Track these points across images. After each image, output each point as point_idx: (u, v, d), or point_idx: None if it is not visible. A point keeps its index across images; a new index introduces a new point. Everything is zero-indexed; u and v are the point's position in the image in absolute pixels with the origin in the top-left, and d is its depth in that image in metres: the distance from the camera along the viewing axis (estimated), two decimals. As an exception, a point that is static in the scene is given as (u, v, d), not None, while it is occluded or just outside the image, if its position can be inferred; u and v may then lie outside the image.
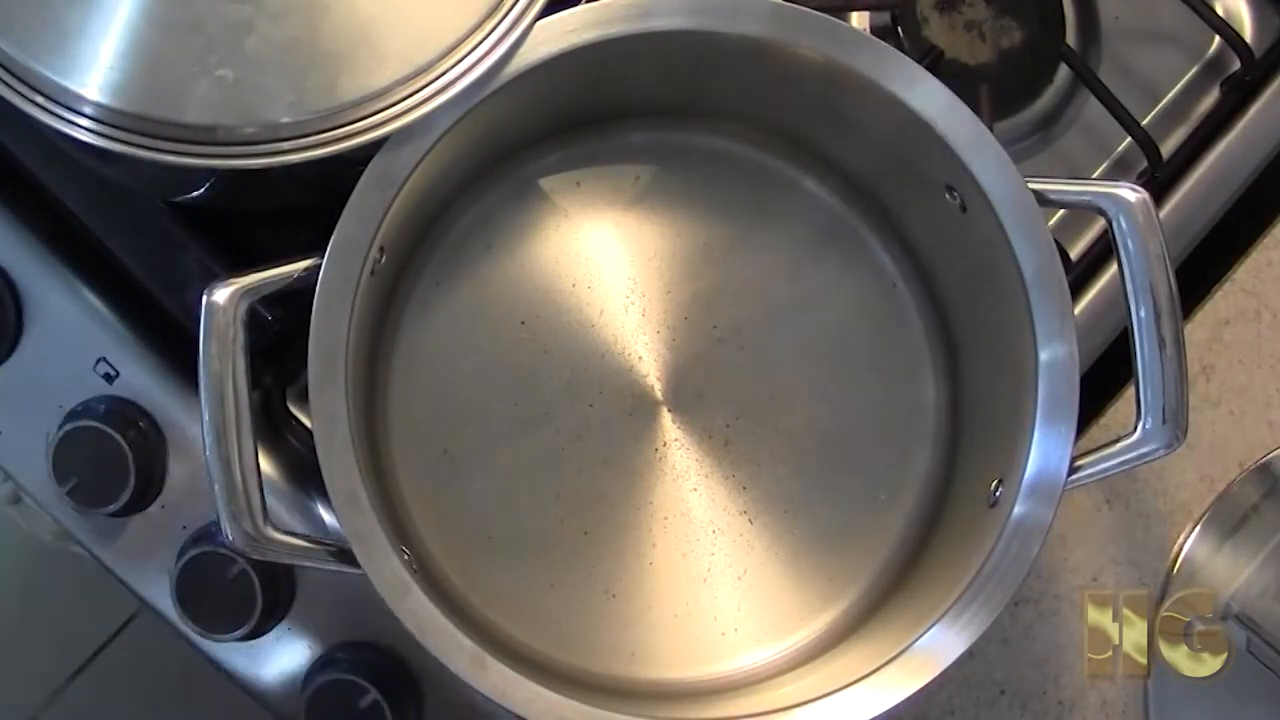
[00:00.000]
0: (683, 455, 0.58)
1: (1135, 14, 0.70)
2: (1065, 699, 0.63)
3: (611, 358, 0.58)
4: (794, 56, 0.52)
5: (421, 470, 0.57)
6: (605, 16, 0.51)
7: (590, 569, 0.57)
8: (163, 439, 0.59)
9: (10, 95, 0.47)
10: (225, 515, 0.49)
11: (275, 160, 0.48)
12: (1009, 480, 0.52)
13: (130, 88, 0.47)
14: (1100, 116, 0.67)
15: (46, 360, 0.59)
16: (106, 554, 0.60)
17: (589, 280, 0.59)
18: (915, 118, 0.52)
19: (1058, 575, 0.63)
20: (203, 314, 0.48)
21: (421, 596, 0.48)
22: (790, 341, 0.59)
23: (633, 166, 0.59)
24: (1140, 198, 0.52)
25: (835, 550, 0.58)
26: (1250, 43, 0.68)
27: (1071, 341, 0.51)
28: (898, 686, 0.49)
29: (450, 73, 0.49)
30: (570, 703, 0.49)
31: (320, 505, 0.60)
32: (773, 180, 0.60)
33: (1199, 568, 0.63)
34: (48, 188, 0.61)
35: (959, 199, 0.54)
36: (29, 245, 0.60)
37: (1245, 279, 0.66)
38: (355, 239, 0.50)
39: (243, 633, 0.57)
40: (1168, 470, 0.64)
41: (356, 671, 0.57)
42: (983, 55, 0.67)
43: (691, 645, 0.57)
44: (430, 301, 0.58)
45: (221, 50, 0.47)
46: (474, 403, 0.58)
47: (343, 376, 0.49)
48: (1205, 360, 0.65)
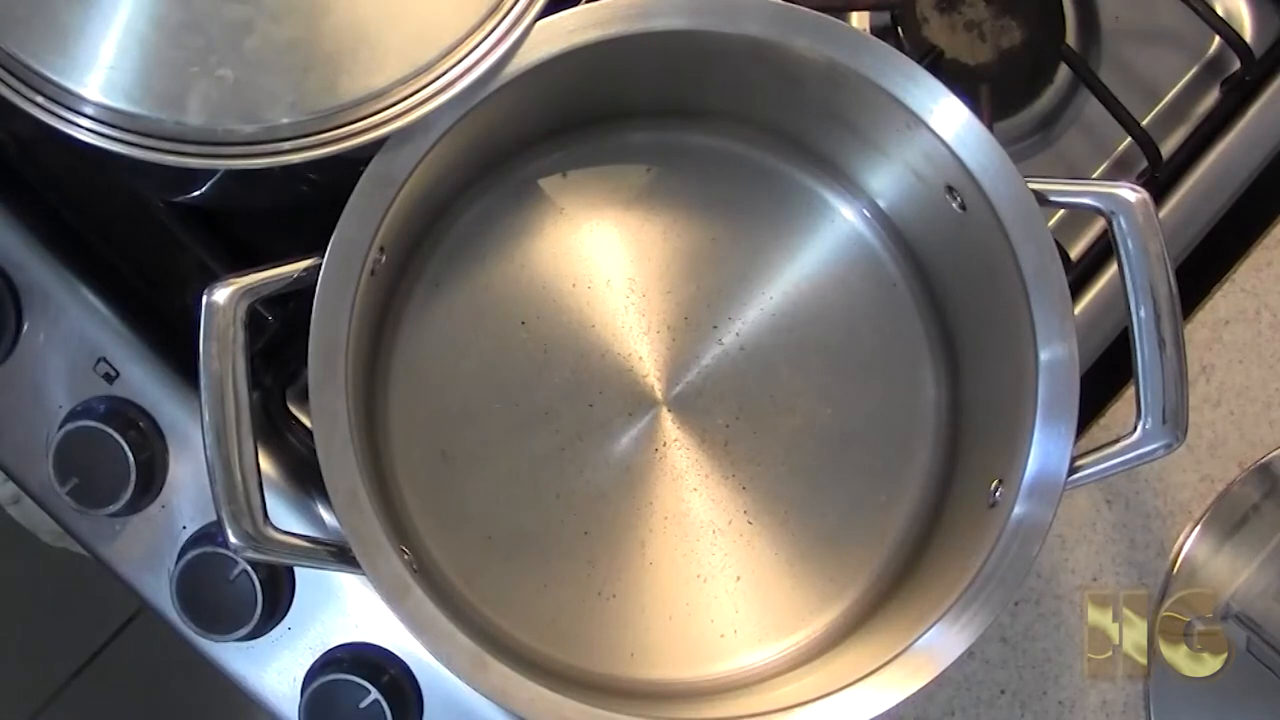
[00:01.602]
0: (683, 455, 0.58)
1: (1135, 14, 0.70)
2: (1065, 699, 0.63)
3: (611, 358, 0.58)
4: (794, 56, 0.52)
5: (421, 470, 0.57)
6: (605, 16, 0.51)
7: (590, 569, 0.57)
8: (163, 439, 0.59)
9: (10, 95, 0.47)
10: (225, 515, 0.49)
11: (275, 160, 0.48)
12: (1009, 480, 0.52)
13: (130, 88, 0.47)
14: (1100, 116, 0.67)
15: (46, 360, 0.59)
16: (106, 554, 0.60)
17: (589, 280, 0.59)
18: (915, 118, 0.52)
19: (1058, 575, 0.63)
20: (203, 314, 0.48)
21: (421, 596, 0.48)
22: (790, 341, 0.59)
23: (632, 166, 0.60)
24: (1140, 198, 0.52)
25: (835, 550, 0.58)
26: (1250, 43, 0.68)
27: (1071, 341, 0.51)
28: (898, 686, 0.49)
29: (450, 73, 0.49)
30: (570, 703, 0.49)
31: (320, 505, 0.60)
32: (773, 180, 0.60)
33: (1199, 568, 0.63)
34: (48, 188, 0.61)
35: (959, 199, 0.54)
36: (29, 245, 0.60)
37: (1245, 279, 0.66)
38: (355, 239, 0.50)
39: (243, 633, 0.57)
40: (1168, 470, 0.64)
41: (356, 671, 0.57)
42: (983, 55, 0.67)
43: (691, 645, 0.57)
44: (430, 301, 0.58)
45: (221, 50, 0.47)
46: (474, 403, 0.58)
47: (343, 376, 0.49)
48: (1205, 360, 0.65)
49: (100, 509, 0.57)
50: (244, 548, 0.49)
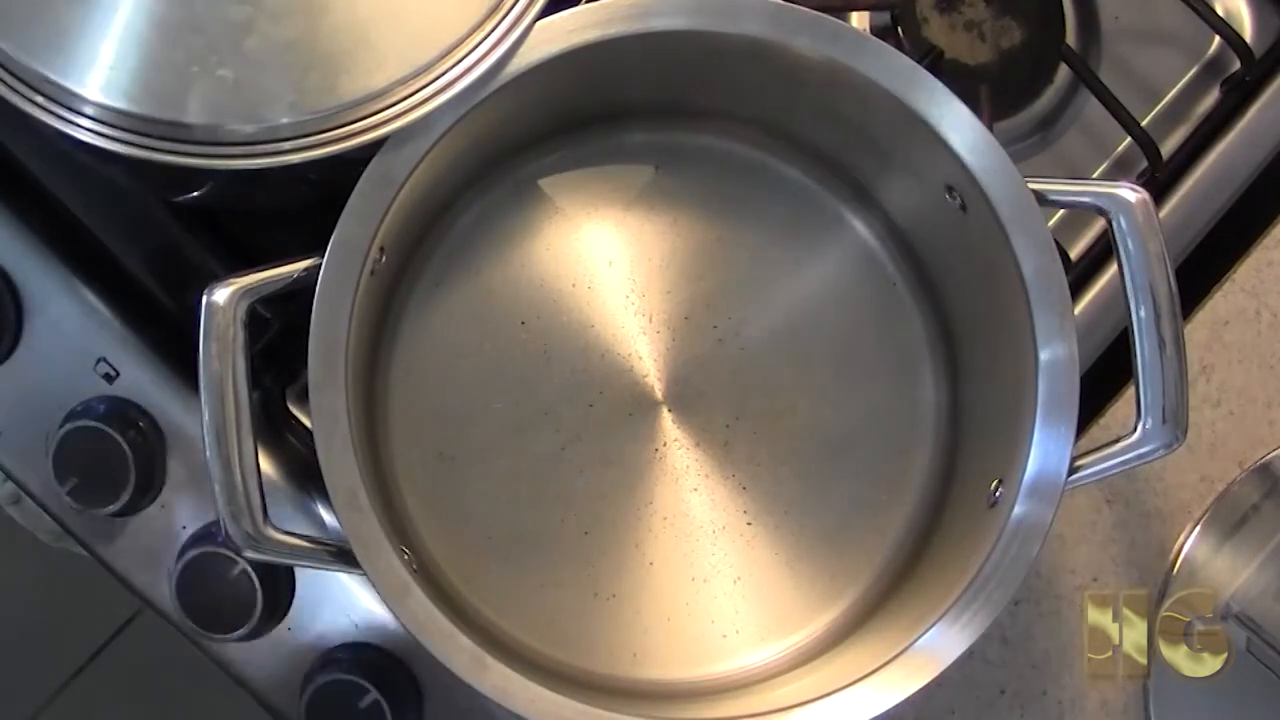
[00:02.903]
0: (683, 455, 0.58)
1: (1135, 14, 0.70)
2: (1065, 699, 0.63)
3: (611, 358, 0.58)
4: (794, 56, 0.52)
5: (421, 470, 0.57)
6: (605, 16, 0.51)
7: (590, 569, 0.57)
8: (163, 439, 0.59)
9: (10, 95, 0.47)
10: (225, 515, 0.49)
11: (275, 160, 0.48)
12: (1009, 480, 0.52)
13: (130, 88, 0.47)
14: (1100, 116, 0.67)
15: (46, 360, 0.59)
16: (106, 554, 0.60)
17: (589, 280, 0.59)
18: (915, 118, 0.52)
19: (1058, 575, 0.63)
20: (203, 314, 0.48)
21: (421, 596, 0.48)
22: (790, 341, 0.59)
23: (632, 166, 0.59)
24: (1140, 198, 0.52)
25: (835, 550, 0.58)
26: (1250, 43, 0.68)
27: (1071, 341, 0.51)
28: (898, 686, 0.49)
29: (450, 73, 0.49)
30: (570, 703, 0.49)
31: (320, 505, 0.60)
32: (772, 180, 0.60)
33: (1199, 568, 0.63)
34: (48, 188, 0.61)
35: (959, 199, 0.54)
36: (29, 245, 0.60)
37: (1245, 279, 0.66)
38: (355, 239, 0.50)
39: (243, 633, 0.57)
40: (1168, 470, 0.64)
41: (356, 671, 0.57)
42: (983, 55, 0.67)
43: (691, 645, 0.57)
44: (430, 301, 0.58)
45: (221, 50, 0.47)
46: (474, 403, 0.58)
47: (343, 376, 0.49)
48: (1205, 360, 0.65)
49: (100, 509, 0.57)
50: (244, 548, 0.49)
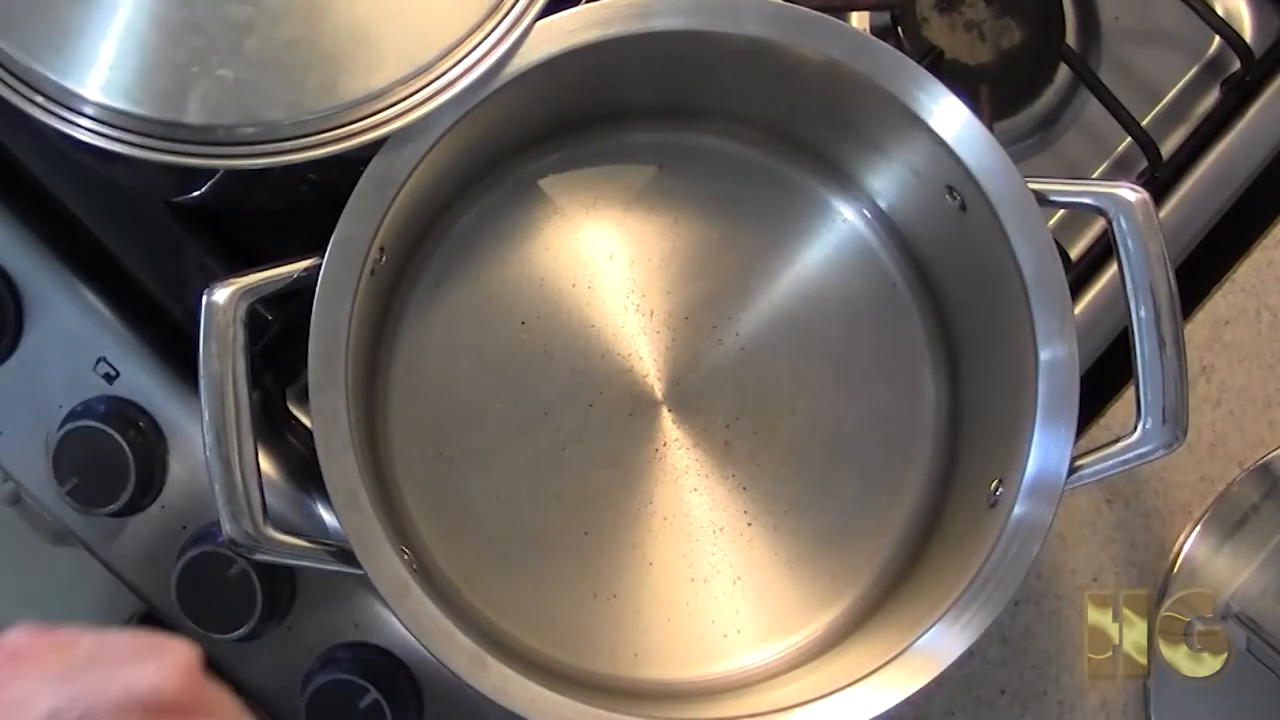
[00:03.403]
0: (683, 455, 0.58)
1: (1135, 14, 0.70)
2: (1065, 699, 0.63)
3: (611, 358, 0.58)
4: (794, 57, 0.52)
5: (421, 470, 0.57)
6: (605, 16, 0.51)
7: (590, 569, 0.57)
8: (163, 439, 0.59)
9: (10, 95, 0.47)
10: (225, 515, 0.49)
11: (275, 160, 0.48)
12: (1009, 480, 0.52)
13: (130, 88, 0.47)
14: (1100, 116, 0.67)
15: (46, 360, 0.59)
16: (106, 554, 0.60)
17: (589, 280, 0.59)
18: (915, 118, 0.52)
19: (1058, 575, 0.63)
20: (203, 314, 0.48)
21: (421, 596, 0.48)
22: (790, 341, 0.59)
23: (633, 167, 0.60)
24: (1140, 198, 0.52)
25: (835, 550, 0.58)
26: (1250, 43, 0.68)
27: (1071, 341, 0.51)
28: (898, 686, 0.49)
29: (450, 73, 0.49)
30: (570, 703, 0.49)
31: (320, 505, 0.60)
32: (772, 180, 0.60)
33: (1199, 568, 0.63)
34: (48, 188, 0.61)
35: (959, 199, 0.54)
36: (29, 245, 0.60)
37: (1245, 279, 0.66)
38: (355, 239, 0.50)
39: (243, 633, 0.57)
40: (1168, 470, 0.64)
41: (356, 671, 0.57)
42: (983, 55, 0.67)
43: (691, 646, 0.57)
44: (430, 301, 0.58)
45: (221, 50, 0.47)
46: (474, 403, 0.58)
47: (343, 376, 0.49)
48: (1205, 360, 0.65)
49: (100, 509, 0.57)
50: (244, 548, 0.49)
